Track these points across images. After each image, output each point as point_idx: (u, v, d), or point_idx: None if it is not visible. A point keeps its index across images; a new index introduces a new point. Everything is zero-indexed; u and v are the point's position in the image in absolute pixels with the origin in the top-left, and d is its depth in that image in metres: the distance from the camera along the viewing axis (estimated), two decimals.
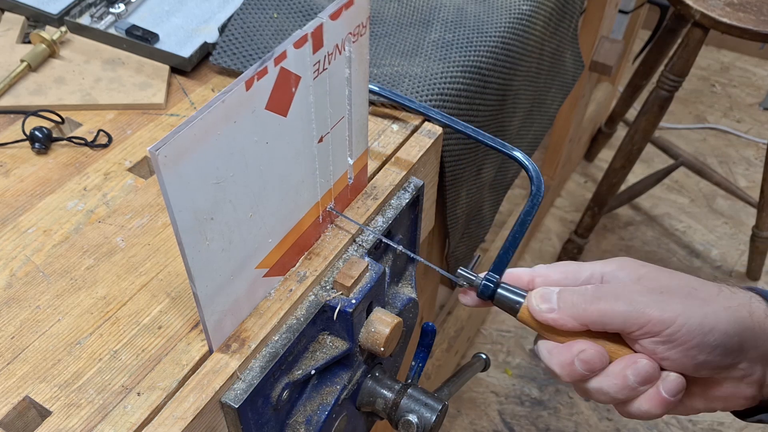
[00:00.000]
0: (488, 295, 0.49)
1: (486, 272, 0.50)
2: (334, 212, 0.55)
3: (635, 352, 0.46)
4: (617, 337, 0.46)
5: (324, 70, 0.46)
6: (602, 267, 0.49)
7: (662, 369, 0.45)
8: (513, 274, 0.51)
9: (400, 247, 0.57)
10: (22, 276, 0.54)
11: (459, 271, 0.51)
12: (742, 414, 0.49)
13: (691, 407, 0.49)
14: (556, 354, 0.47)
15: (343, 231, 0.56)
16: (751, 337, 0.44)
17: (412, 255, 0.56)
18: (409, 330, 0.65)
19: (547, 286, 0.49)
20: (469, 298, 0.52)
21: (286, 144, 0.46)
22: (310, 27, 0.43)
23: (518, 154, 0.56)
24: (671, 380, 0.45)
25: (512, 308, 0.49)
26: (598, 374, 0.46)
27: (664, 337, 0.44)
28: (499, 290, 0.49)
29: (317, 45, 0.44)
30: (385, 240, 0.57)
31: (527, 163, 0.55)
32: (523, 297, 0.48)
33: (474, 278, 0.50)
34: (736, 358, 0.45)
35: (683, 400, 0.48)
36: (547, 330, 0.48)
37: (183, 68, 0.73)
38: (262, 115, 0.43)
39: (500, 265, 0.51)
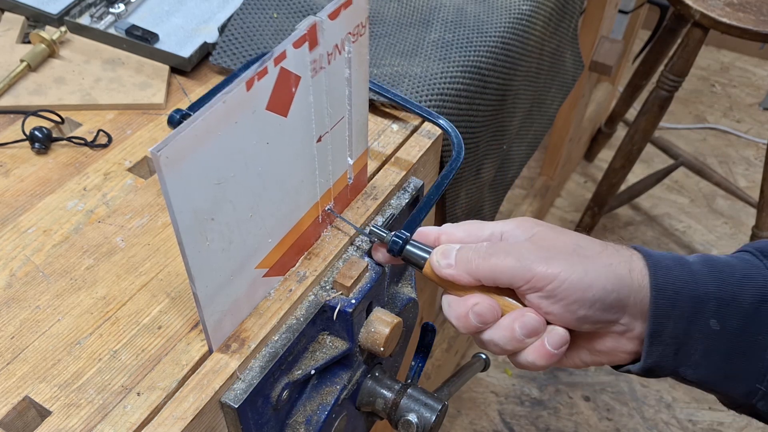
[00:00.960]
0: (397, 251, 0.51)
1: (396, 230, 0.52)
2: (333, 213, 0.55)
3: (525, 306, 0.48)
4: (510, 293, 0.48)
5: (321, 69, 0.46)
6: (502, 226, 0.51)
7: (549, 323, 0.48)
8: (422, 232, 0.53)
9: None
10: (22, 276, 0.54)
11: (371, 227, 0.53)
12: (617, 367, 0.51)
13: (578, 360, 0.51)
14: (454, 306, 0.49)
15: (342, 231, 0.56)
16: (629, 293, 0.46)
17: (346, 221, 0.58)
18: (409, 330, 0.65)
19: (451, 242, 0.51)
20: (380, 254, 0.53)
21: (286, 144, 0.46)
22: (305, 26, 0.43)
23: (442, 122, 0.62)
24: (555, 334, 0.47)
25: (418, 264, 0.51)
26: (490, 326, 0.48)
27: (547, 292, 0.46)
28: (408, 246, 0.51)
29: (312, 43, 0.44)
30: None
31: (448, 127, 0.62)
32: (429, 253, 0.50)
33: (384, 234, 0.52)
34: (616, 313, 0.47)
35: (570, 352, 0.51)
36: (447, 285, 0.50)
37: (183, 68, 0.73)
38: (263, 115, 0.43)
39: (411, 223, 0.53)
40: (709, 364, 0.47)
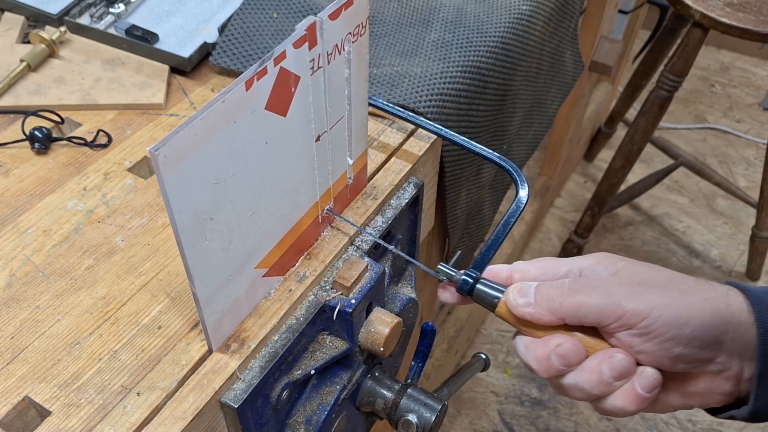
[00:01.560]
0: (467, 291, 0.49)
1: (466, 268, 0.50)
2: (332, 214, 0.55)
3: (612, 346, 0.45)
4: (595, 332, 0.46)
5: (319, 68, 0.46)
6: (581, 262, 0.49)
7: (639, 364, 0.45)
8: (492, 271, 0.51)
9: (395, 250, 0.57)
10: (22, 276, 0.54)
11: (439, 266, 0.51)
12: (715, 410, 0.48)
13: (667, 404, 0.48)
14: (532, 348, 0.46)
15: (342, 231, 0.56)
16: (728, 329, 0.44)
17: (406, 258, 0.56)
18: (409, 330, 0.65)
19: (525, 281, 0.49)
20: (448, 293, 0.52)
21: (285, 144, 0.46)
22: (304, 25, 0.43)
23: (500, 160, 0.59)
24: (647, 376, 0.44)
25: (490, 303, 0.49)
26: (573, 369, 0.45)
27: (640, 329, 0.43)
28: (478, 285, 0.49)
29: (312, 43, 0.44)
30: (382, 243, 0.57)
31: (508, 166, 0.58)
32: (502, 292, 0.48)
33: (454, 273, 0.50)
34: (713, 351, 0.44)
35: (659, 396, 0.47)
36: (524, 324, 0.48)
37: (183, 68, 0.73)
38: (262, 115, 0.43)
39: (481, 262, 0.51)
40: None
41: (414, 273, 0.66)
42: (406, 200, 0.61)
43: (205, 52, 0.74)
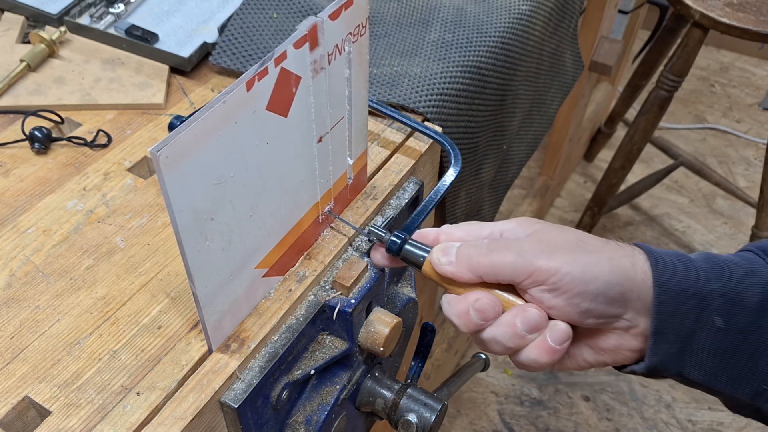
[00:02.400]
0: (395, 251, 0.51)
1: (395, 230, 0.52)
2: (331, 215, 0.55)
3: (527, 302, 0.48)
4: (511, 289, 0.48)
5: (322, 69, 0.46)
6: (502, 225, 0.51)
7: (551, 319, 0.47)
8: (421, 233, 0.53)
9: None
10: (22, 276, 0.54)
11: (370, 227, 0.53)
12: (620, 367, 0.51)
13: (581, 359, 0.50)
14: (454, 304, 0.49)
15: (342, 231, 0.56)
16: (632, 287, 0.46)
17: (344, 221, 0.58)
18: (409, 330, 0.65)
19: (450, 242, 0.50)
20: (379, 255, 0.53)
21: (286, 144, 0.46)
22: (305, 26, 0.43)
23: (437, 136, 0.63)
24: (558, 329, 0.47)
25: (417, 262, 0.51)
26: (491, 323, 0.48)
27: (550, 285, 0.45)
28: (406, 246, 0.51)
29: (313, 44, 0.44)
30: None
31: (449, 147, 0.61)
32: (428, 252, 0.50)
33: (383, 234, 0.52)
34: (619, 307, 0.46)
35: (573, 351, 0.50)
36: (447, 282, 0.49)
37: (182, 68, 0.73)
38: (263, 115, 0.43)
39: (410, 225, 0.53)
40: (714, 364, 0.47)
41: (414, 273, 0.66)
42: (406, 200, 0.61)
43: (205, 52, 0.74)
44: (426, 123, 0.68)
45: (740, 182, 2.05)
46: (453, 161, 0.60)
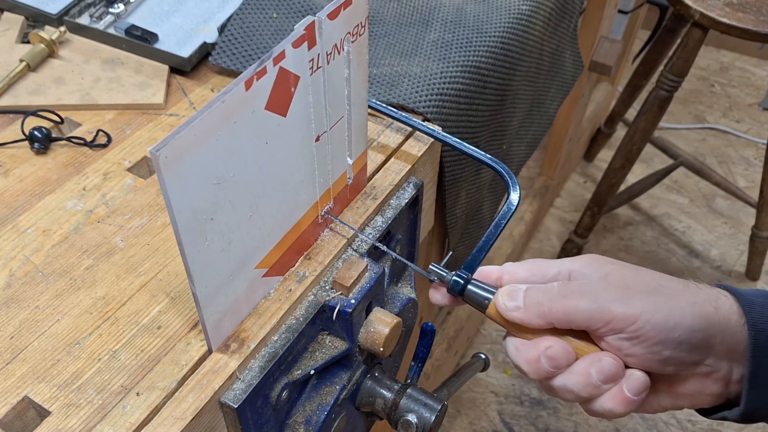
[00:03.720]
0: (458, 291, 0.50)
1: (457, 269, 0.51)
2: (330, 217, 0.55)
3: (601, 349, 0.46)
4: (584, 335, 0.46)
5: (318, 68, 0.46)
6: (570, 264, 0.49)
7: (628, 366, 0.45)
8: (482, 272, 0.51)
9: (394, 254, 0.57)
10: (22, 276, 0.53)
11: (431, 267, 0.52)
12: (707, 411, 0.49)
13: (657, 405, 0.49)
14: (523, 351, 0.47)
15: (342, 231, 0.56)
16: (716, 332, 0.44)
17: (402, 260, 0.56)
18: (409, 330, 0.65)
19: (515, 282, 0.49)
20: (439, 294, 0.52)
21: (285, 144, 0.46)
22: (303, 25, 0.43)
23: (492, 162, 0.58)
24: (635, 379, 0.45)
25: (481, 304, 0.49)
26: (563, 371, 0.46)
27: (629, 333, 0.44)
28: (469, 287, 0.50)
29: (311, 43, 0.44)
30: (379, 245, 0.57)
31: (500, 168, 0.57)
32: (492, 294, 0.49)
33: (445, 274, 0.51)
34: (701, 354, 0.45)
35: (649, 397, 0.48)
36: (514, 327, 0.48)
37: (182, 68, 0.73)
38: (262, 115, 0.43)
39: (472, 263, 0.51)
40: None
41: (413, 273, 0.66)
42: (406, 200, 0.61)
43: (204, 52, 0.74)
44: (426, 123, 0.68)
45: (740, 182, 2.04)
46: (511, 190, 0.56)
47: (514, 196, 0.55)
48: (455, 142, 0.60)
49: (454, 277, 0.50)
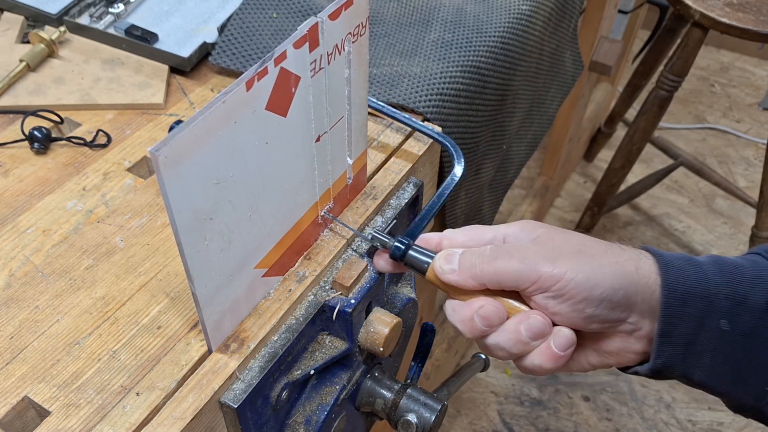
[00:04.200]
0: (399, 256, 0.51)
1: (398, 235, 0.52)
2: (329, 217, 0.55)
3: (531, 308, 0.48)
4: (516, 295, 0.48)
5: (320, 69, 0.46)
6: (505, 229, 0.51)
7: (555, 324, 0.47)
8: (423, 238, 0.53)
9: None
10: (21, 276, 0.53)
11: (373, 233, 0.53)
12: (625, 368, 0.51)
13: (586, 362, 0.51)
14: (458, 311, 0.49)
15: (342, 231, 0.56)
16: (637, 291, 0.46)
17: (347, 227, 0.58)
18: (409, 330, 0.65)
19: (453, 248, 0.50)
20: (382, 261, 0.53)
21: (285, 144, 0.46)
22: (306, 26, 0.43)
23: (438, 137, 0.62)
24: (561, 335, 0.47)
25: (420, 269, 0.50)
26: (495, 330, 0.48)
27: (554, 291, 0.45)
28: (410, 252, 0.51)
29: (313, 44, 0.44)
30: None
31: (450, 146, 0.61)
32: (431, 258, 0.50)
33: (387, 240, 0.52)
34: (623, 312, 0.46)
35: (577, 355, 0.50)
36: (451, 290, 0.49)
37: (182, 68, 0.73)
38: (262, 115, 0.43)
39: (414, 230, 0.53)
40: (718, 366, 0.47)
41: (414, 274, 0.66)
42: (406, 200, 0.61)
43: (204, 52, 0.74)
44: (426, 123, 0.68)
45: (740, 182, 2.05)
46: (456, 162, 0.60)
47: (458, 169, 0.60)
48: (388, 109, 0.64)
49: (396, 243, 0.51)
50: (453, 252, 0.49)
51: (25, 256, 0.55)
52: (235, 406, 0.45)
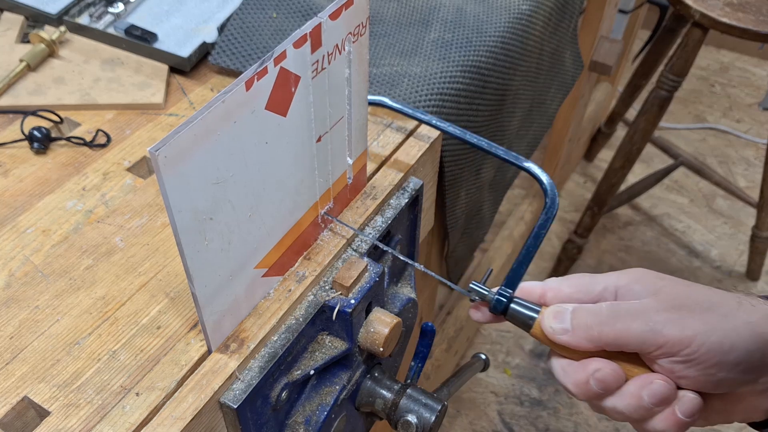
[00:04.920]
0: (501, 311, 0.48)
1: (499, 286, 0.49)
2: (329, 218, 0.55)
3: (652, 370, 0.45)
4: (634, 355, 0.45)
5: (323, 69, 0.46)
6: (617, 280, 0.47)
7: (680, 388, 0.44)
8: (524, 288, 0.50)
9: (396, 252, 0.56)
10: (21, 276, 0.53)
11: (471, 285, 0.50)
12: (759, 424, 0.48)
13: (708, 420, 0.48)
14: (570, 372, 0.46)
15: (342, 231, 0.56)
16: None
17: (409, 261, 0.56)
18: (409, 330, 0.65)
19: (559, 301, 0.47)
20: (480, 313, 0.50)
21: (285, 144, 0.46)
22: (308, 27, 0.43)
23: (531, 166, 0.55)
24: (688, 401, 0.44)
25: (525, 324, 0.48)
26: (613, 394, 0.45)
27: (683, 356, 0.42)
28: (512, 305, 0.48)
29: (315, 44, 0.44)
30: (380, 245, 0.57)
31: (541, 175, 0.54)
32: (537, 312, 0.47)
33: (487, 293, 0.49)
34: (757, 373, 0.43)
35: (703, 414, 0.46)
36: (561, 348, 0.47)
37: (182, 68, 0.73)
38: (262, 115, 0.43)
39: (513, 279, 0.49)
40: None
41: (413, 273, 0.66)
42: (406, 200, 0.61)
43: (204, 52, 0.74)
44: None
45: (740, 182, 2.04)
46: (548, 200, 0.52)
47: (554, 203, 0.53)
48: (485, 143, 0.57)
49: (497, 296, 0.48)
50: (563, 309, 0.46)
51: (25, 256, 0.55)
52: (235, 406, 0.45)
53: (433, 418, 0.57)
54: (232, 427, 0.47)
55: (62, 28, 0.74)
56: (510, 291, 0.49)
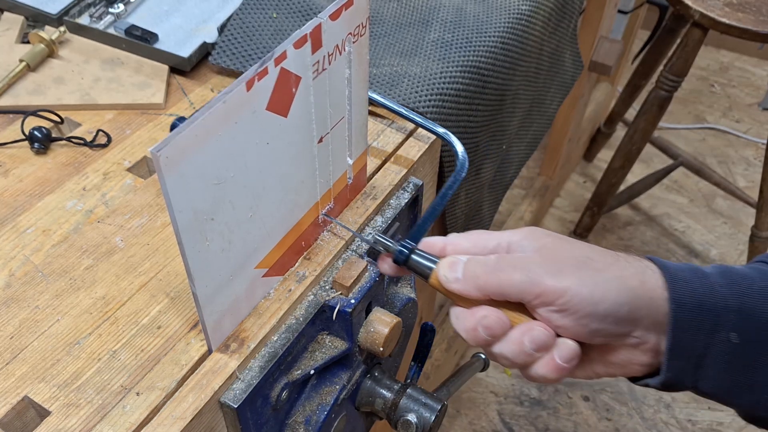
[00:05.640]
0: (402, 261, 0.51)
1: (402, 239, 0.52)
2: (329, 219, 0.55)
3: (535, 319, 0.47)
4: (520, 305, 0.48)
5: (323, 70, 0.46)
6: (509, 236, 0.50)
7: (559, 336, 0.47)
8: (427, 242, 0.52)
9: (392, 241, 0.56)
10: (21, 276, 0.53)
11: (376, 237, 0.53)
12: (636, 379, 0.50)
13: (591, 371, 0.50)
14: (462, 319, 0.48)
15: (341, 232, 0.56)
16: (642, 306, 0.45)
17: (348, 228, 0.57)
18: (408, 330, 0.65)
19: (457, 254, 0.50)
20: (386, 264, 0.53)
21: (286, 144, 0.46)
22: (308, 27, 0.43)
23: (446, 133, 0.61)
24: (565, 347, 0.46)
25: (423, 274, 0.50)
26: (499, 339, 0.47)
27: (558, 306, 0.45)
28: (413, 256, 0.50)
29: (316, 45, 0.44)
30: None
31: (455, 143, 0.60)
32: (435, 263, 0.50)
33: (390, 244, 0.52)
34: (628, 326, 0.46)
35: (583, 364, 0.50)
36: (455, 297, 0.49)
37: (182, 68, 0.73)
38: (263, 115, 0.43)
39: (417, 233, 0.52)
40: (728, 378, 0.46)
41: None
42: (406, 200, 0.61)
43: (204, 52, 0.74)
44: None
45: (740, 182, 2.05)
46: (458, 163, 0.59)
47: (458, 172, 0.58)
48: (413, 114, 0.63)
49: (399, 247, 0.51)
50: (457, 260, 0.48)
51: (25, 256, 0.55)
52: (235, 406, 0.45)
53: (433, 418, 0.57)
54: (232, 426, 0.47)
55: (62, 28, 0.74)
56: (412, 243, 0.51)
